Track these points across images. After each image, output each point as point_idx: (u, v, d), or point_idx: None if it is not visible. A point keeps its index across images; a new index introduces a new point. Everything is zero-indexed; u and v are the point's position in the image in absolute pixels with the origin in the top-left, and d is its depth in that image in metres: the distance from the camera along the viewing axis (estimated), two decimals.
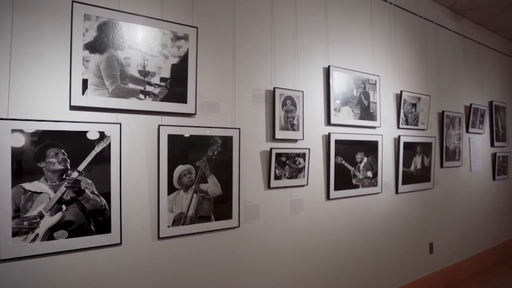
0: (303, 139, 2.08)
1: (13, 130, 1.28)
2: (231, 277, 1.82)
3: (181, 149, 1.63)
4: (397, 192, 2.71)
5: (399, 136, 2.67)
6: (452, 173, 3.30)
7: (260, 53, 1.97)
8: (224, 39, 1.84)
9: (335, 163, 2.24)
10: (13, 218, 1.28)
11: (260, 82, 1.96)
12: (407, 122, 2.77)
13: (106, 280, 1.47)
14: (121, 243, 1.49)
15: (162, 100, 1.58)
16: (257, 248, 1.92)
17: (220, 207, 1.75)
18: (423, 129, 2.92)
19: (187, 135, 1.65)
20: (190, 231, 1.67)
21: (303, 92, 2.08)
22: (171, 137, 1.60)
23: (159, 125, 1.57)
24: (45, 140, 1.33)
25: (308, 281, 2.13)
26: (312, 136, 2.17)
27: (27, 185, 1.30)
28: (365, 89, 2.43)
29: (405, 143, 2.72)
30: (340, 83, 2.29)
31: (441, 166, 3.15)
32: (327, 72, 2.25)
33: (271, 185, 1.95)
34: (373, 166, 2.48)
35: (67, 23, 1.40)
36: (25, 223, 1.30)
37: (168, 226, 1.60)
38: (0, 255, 1.25)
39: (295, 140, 2.06)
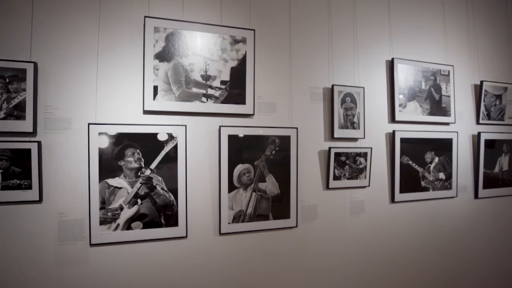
0: (364, 137, 1.97)
1: (100, 133, 1.47)
2: (288, 276, 1.82)
3: (240, 149, 1.69)
4: (476, 197, 2.38)
5: (478, 133, 2.34)
6: None
7: (317, 50, 1.92)
8: (280, 38, 1.84)
9: (401, 163, 2.07)
10: (100, 209, 1.47)
11: (318, 80, 1.91)
12: (489, 117, 2.41)
13: (173, 268, 1.60)
14: (186, 236, 1.61)
15: (223, 102, 1.65)
16: (315, 249, 1.88)
17: (278, 206, 1.76)
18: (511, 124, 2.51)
19: (246, 135, 1.70)
20: (249, 229, 1.71)
21: (363, 88, 1.97)
22: (231, 137, 1.66)
23: (220, 126, 1.65)
24: (123, 142, 1.50)
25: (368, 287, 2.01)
26: (374, 135, 2.04)
27: (110, 181, 1.49)
28: (436, 81, 2.19)
29: (487, 141, 2.37)
30: (406, 76, 2.10)
31: None
32: (390, 65, 2.09)
33: (330, 186, 1.89)
34: (446, 167, 2.23)
35: (140, 36, 1.56)
36: (109, 213, 1.49)
37: (229, 223, 1.67)
38: (91, 240, 1.46)
39: (355, 139, 1.96)
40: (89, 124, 1.46)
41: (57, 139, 1.45)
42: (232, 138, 1.67)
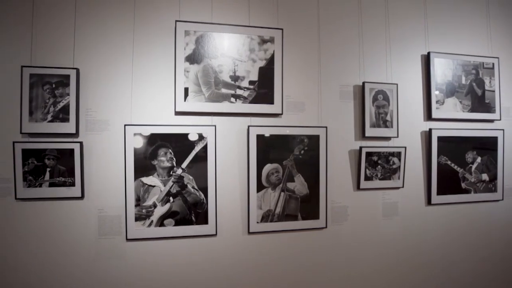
0: (397, 136, 1.88)
1: (135, 134, 1.55)
2: (317, 277, 1.79)
3: (269, 149, 1.69)
4: None
5: None
6: None
7: (347, 46, 1.87)
8: (309, 36, 1.82)
9: (438, 163, 1.95)
10: (135, 206, 1.55)
11: (348, 77, 1.86)
12: None
13: (203, 265, 1.65)
14: (216, 234, 1.64)
15: (251, 102, 1.67)
16: (345, 252, 1.83)
17: (307, 206, 1.74)
18: None
19: (274, 134, 1.69)
20: (277, 228, 1.71)
21: (397, 84, 1.88)
22: (259, 137, 1.67)
23: (248, 126, 1.67)
24: (157, 142, 1.57)
25: None
26: (408, 133, 1.94)
27: (145, 179, 1.56)
28: (478, 75, 2.04)
29: None
30: (444, 71, 1.98)
31: None
32: (426, 59, 1.98)
33: (361, 186, 1.83)
34: (490, 167, 2.06)
35: (171, 40, 1.62)
36: (144, 210, 1.56)
37: (257, 222, 1.68)
38: (127, 235, 1.54)
39: (388, 138, 1.88)
40: (125, 125, 1.54)
41: (96, 139, 1.55)
42: (260, 138, 1.67)
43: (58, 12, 1.53)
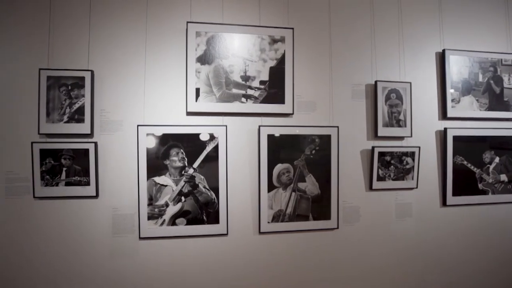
0: (411, 136, 1.84)
1: (147, 134, 1.57)
2: (328, 278, 1.77)
3: (280, 149, 1.68)
4: None
5: None
6: None
7: (359, 45, 1.84)
8: (320, 35, 1.80)
9: (454, 163, 1.90)
10: (148, 205, 1.57)
11: (360, 76, 1.83)
12: None
13: (214, 264, 1.66)
14: (227, 233, 1.65)
15: (262, 102, 1.67)
16: (356, 253, 1.81)
17: (318, 206, 1.72)
18: None
19: (285, 134, 1.69)
20: (288, 229, 1.70)
21: (410, 83, 1.85)
22: (270, 137, 1.67)
23: (259, 126, 1.67)
24: (169, 142, 1.59)
25: None
26: (422, 133, 1.90)
27: (157, 179, 1.58)
28: (496, 72, 1.97)
29: None
30: (459, 69, 1.93)
31: None
32: (441, 57, 1.93)
33: (373, 187, 1.80)
34: (508, 168, 2.00)
35: (183, 41, 1.64)
36: (156, 209, 1.58)
37: (268, 222, 1.68)
38: (140, 234, 1.56)
39: (401, 138, 1.85)
40: (138, 125, 1.57)
41: (110, 139, 1.58)
42: (271, 138, 1.67)
43: (73, 17, 1.57)
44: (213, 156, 1.62)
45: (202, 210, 1.62)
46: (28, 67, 1.53)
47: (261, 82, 1.67)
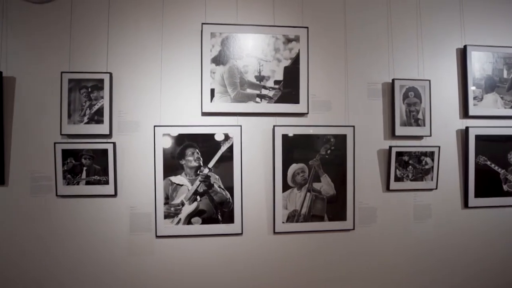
0: (430, 135, 1.79)
1: (164, 134, 1.60)
2: (343, 279, 1.75)
3: (294, 148, 1.67)
4: None
5: None
6: None
7: (375, 42, 1.80)
8: (335, 33, 1.78)
9: (476, 163, 1.83)
10: (164, 204, 1.60)
11: (376, 74, 1.79)
12: None
13: (229, 263, 1.67)
14: (242, 233, 1.66)
15: (276, 101, 1.66)
16: (373, 254, 1.77)
17: (334, 207, 1.70)
18: None
19: (300, 134, 1.68)
20: (303, 229, 1.69)
21: (429, 81, 1.79)
22: (285, 137, 1.66)
23: (273, 126, 1.66)
24: (184, 142, 1.61)
25: None
26: (442, 132, 1.84)
27: (173, 178, 1.61)
28: None
29: None
30: (482, 65, 1.85)
31: None
32: (462, 53, 1.86)
33: (391, 187, 1.76)
34: None
35: (198, 42, 1.66)
36: (172, 209, 1.61)
37: (283, 222, 1.67)
38: (157, 232, 1.60)
39: (420, 137, 1.80)
40: (154, 126, 1.60)
41: (128, 140, 1.62)
42: (285, 138, 1.66)
43: (93, 23, 1.62)
44: (228, 156, 1.63)
45: (217, 209, 1.63)
46: (51, 71, 1.59)
47: (276, 82, 1.66)
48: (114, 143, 1.59)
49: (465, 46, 1.84)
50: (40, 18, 1.61)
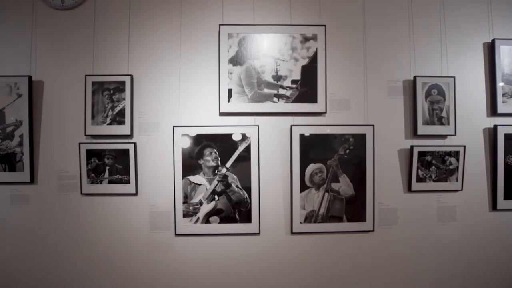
0: (455, 134, 1.72)
1: (182, 135, 1.63)
2: (362, 282, 1.71)
3: (312, 148, 1.66)
4: None
5: None
6: None
7: (395, 39, 1.75)
8: (354, 31, 1.74)
9: (505, 164, 1.74)
10: (183, 203, 1.63)
11: (397, 72, 1.74)
12: None
13: (246, 262, 1.68)
14: (259, 233, 1.66)
15: (294, 101, 1.65)
16: (394, 257, 1.72)
17: (353, 208, 1.67)
18: None
19: (317, 134, 1.66)
20: (321, 230, 1.67)
21: (454, 77, 1.72)
22: (302, 137, 1.65)
23: (291, 125, 1.65)
24: (202, 142, 1.63)
25: None
26: (468, 131, 1.76)
27: (192, 178, 1.63)
28: None
29: None
30: None
31: None
32: (490, 48, 1.77)
33: (412, 188, 1.70)
34: None
35: (215, 44, 1.67)
36: (191, 207, 1.63)
37: (301, 222, 1.66)
38: (176, 230, 1.63)
39: (443, 136, 1.73)
40: (173, 126, 1.63)
41: (148, 140, 1.66)
42: (303, 137, 1.65)
43: (114, 27, 1.68)
44: (245, 156, 1.64)
45: (235, 209, 1.64)
46: (76, 74, 1.66)
47: (293, 81, 1.65)
48: (135, 143, 1.63)
49: (493, 40, 1.75)
50: (65, 24, 1.68)
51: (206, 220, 1.64)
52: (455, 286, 1.75)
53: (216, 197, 1.63)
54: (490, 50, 1.77)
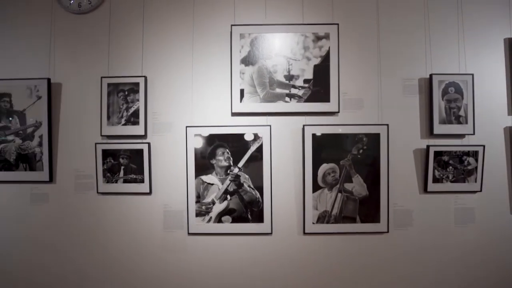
0: (473, 133, 1.66)
1: (195, 135, 1.64)
2: (376, 284, 1.68)
3: (325, 148, 1.64)
4: None
5: None
6: None
7: (410, 36, 1.71)
8: (367, 29, 1.71)
9: None
10: (196, 202, 1.65)
11: (412, 70, 1.70)
12: None
13: (258, 262, 1.68)
14: (271, 233, 1.66)
15: (306, 101, 1.64)
16: (409, 259, 1.69)
17: (366, 208, 1.65)
18: None
19: (330, 133, 1.64)
20: (334, 230, 1.65)
21: (472, 75, 1.67)
22: (315, 136, 1.64)
23: (303, 125, 1.64)
24: (215, 142, 1.64)
25: None
26: (487, 130, 1.70)
27: (204, 178, 1.65)
28: None
29: None
30: None
31: None
32: (511, 44, 1.71)
33: (428, 189, 1.66)
34: None
35: (227, 44, 1.68)
36: (203, 207, 1.65)
37: (313, 223, 1.65)
38: (189, 230, 1.65)
39: (461, 136, 1.68)
40: (186, 126, 1.65)
41: (161, 140, 1.69)
42: (316, 137, 1.64)
43: (128, 30, 1.72)
44: (258, 156, 1.64)
45: (247, 208, 1.64)
46: (92, 76, 1.70)
47: (305, 81, 1.64)
48: (149, 144, 1.66)
49: None
50: (82, 28, 1.72)
51: (219, 219, 1.65)
52: None
53: (228, 196, 1.64)
54: (511, 46, 1.70)
